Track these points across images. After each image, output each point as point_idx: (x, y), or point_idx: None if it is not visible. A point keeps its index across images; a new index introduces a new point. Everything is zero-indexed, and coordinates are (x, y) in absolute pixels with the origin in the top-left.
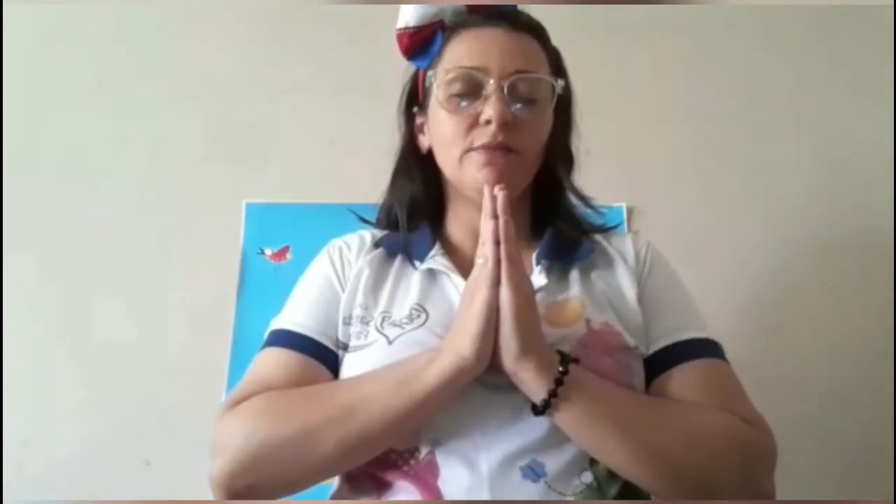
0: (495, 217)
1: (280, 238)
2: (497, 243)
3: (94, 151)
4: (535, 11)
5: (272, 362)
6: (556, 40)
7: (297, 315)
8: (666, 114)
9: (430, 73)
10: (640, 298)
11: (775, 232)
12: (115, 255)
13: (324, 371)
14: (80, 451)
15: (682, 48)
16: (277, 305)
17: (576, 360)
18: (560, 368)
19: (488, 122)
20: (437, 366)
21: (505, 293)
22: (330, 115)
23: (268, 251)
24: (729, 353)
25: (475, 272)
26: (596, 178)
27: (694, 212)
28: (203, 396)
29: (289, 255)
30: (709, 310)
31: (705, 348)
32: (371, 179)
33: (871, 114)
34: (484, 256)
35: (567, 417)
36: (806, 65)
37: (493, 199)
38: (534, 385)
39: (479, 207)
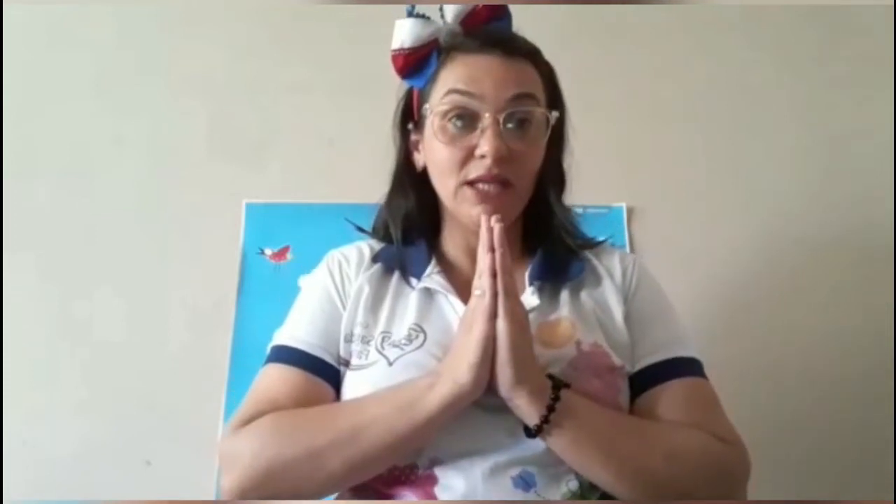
0: (492, 250)
1: (280, 238)
2: (494, 275)
3: (94, 151)
4: (536, 11)
5: (277, 379)
6: (556, 40)
7: (298, 331)
8: (666, 114)
9: (425, 106)
10: (627, 317)
11: (775, 232)
12: (115, 255)
13: (326, 387)
14: (80, 451)
15: (682, 48)
16: (277, 305)
17: (567, 385)
18: (551, 395)
19: (483, 155)
20: (437, 391)
21: (501, 325)
22: (330, 115)
23: (268, 251)
24: (727, 353)
25: (473, 302)
26: (596, 178)
27: (694, 212)
28: (203, 396)
29: (289, 255)
30: (708, 309)
31: (687, 367)
32: (371, 179)
33: (872, 114)
34: (481, 288)
35: (557, 440)
36: (806, 65)
37: (490, 231)
38: (527, 410)
39: (473, 229)
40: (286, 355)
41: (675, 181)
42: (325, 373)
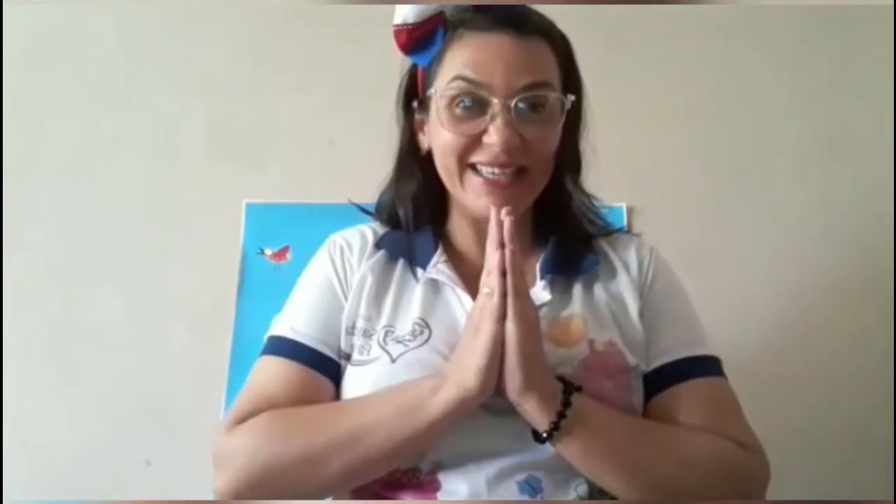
0: (502, 246)
1: (280, 238)
2: (503, 274)
3: (95, 151)
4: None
5: (274, 374)
6: None
7: (296, 321)
8: (666, 114)
9: (430, 90)
10: (642, 313)
11: (775, 231)
12: (115, 255)
13: (325, 382)
14: (80, 451)
15: (682, 48)
16: (277, 305)
17: (578, 388)
18: (562, 401)
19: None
20: (442, 396)
21: (510, 327)
22: (330, 115)
23: (268, 251)
24: (727, 354)
25: (480, 301)
26: (596, 178)
27: (694, 212)
28: (203, 396)
29: (289, 255)
30: (708, 311)
31: (704, 366)
32: (371, 179)
33: (872, 114)
34: (490, 287)
35: (567, 447)
36: (806, 65)
37: (500, 225)
38: (537, 416)
39: (481, 218)
40: (284, 348)
41: (675, 181)
42: (323, 367)
